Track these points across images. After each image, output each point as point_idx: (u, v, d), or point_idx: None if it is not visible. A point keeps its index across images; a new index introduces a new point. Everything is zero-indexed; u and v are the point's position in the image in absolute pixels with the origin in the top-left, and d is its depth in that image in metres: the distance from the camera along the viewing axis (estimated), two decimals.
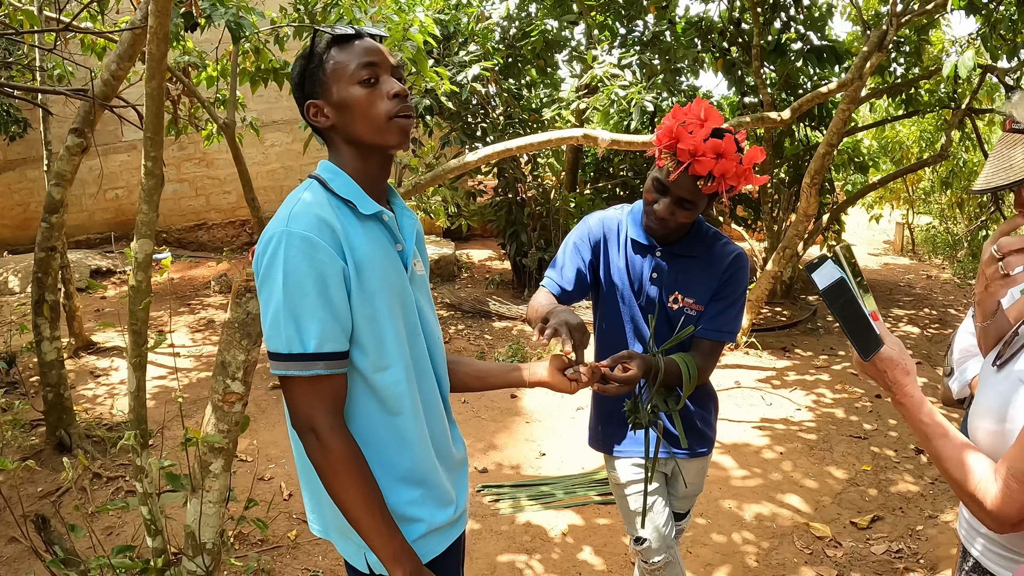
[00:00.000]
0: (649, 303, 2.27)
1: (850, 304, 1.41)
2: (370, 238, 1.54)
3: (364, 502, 1.49)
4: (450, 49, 7.95)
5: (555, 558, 3.63)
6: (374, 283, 1.51)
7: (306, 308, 1.43)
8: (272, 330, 1.46)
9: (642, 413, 2.15)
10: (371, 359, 1.53)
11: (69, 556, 2.57)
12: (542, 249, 8.61)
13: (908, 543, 3.73)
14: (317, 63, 1.57)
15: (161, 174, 2.45)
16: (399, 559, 1.51)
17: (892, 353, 1.42)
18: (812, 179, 6.34)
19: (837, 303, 1.41)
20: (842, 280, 1.41)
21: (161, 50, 2.21)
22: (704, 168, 2.02)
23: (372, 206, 1.56)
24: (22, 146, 10.63)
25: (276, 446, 4.82)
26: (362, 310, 1.50)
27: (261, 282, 1.48)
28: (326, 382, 1.47)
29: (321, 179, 1.57)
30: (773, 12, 8.05)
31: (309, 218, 1.45)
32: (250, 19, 4.72)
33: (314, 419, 1.47)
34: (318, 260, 1.43)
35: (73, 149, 4.20)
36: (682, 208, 2.12)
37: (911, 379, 1.42)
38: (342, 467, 1.47)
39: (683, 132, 2.04)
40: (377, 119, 1.55)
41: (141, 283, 2.44)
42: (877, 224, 13.25)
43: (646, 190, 2.19)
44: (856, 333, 1.41)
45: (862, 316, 1.41)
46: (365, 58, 1.55)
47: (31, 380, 5.82)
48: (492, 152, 4.88)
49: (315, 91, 1.57)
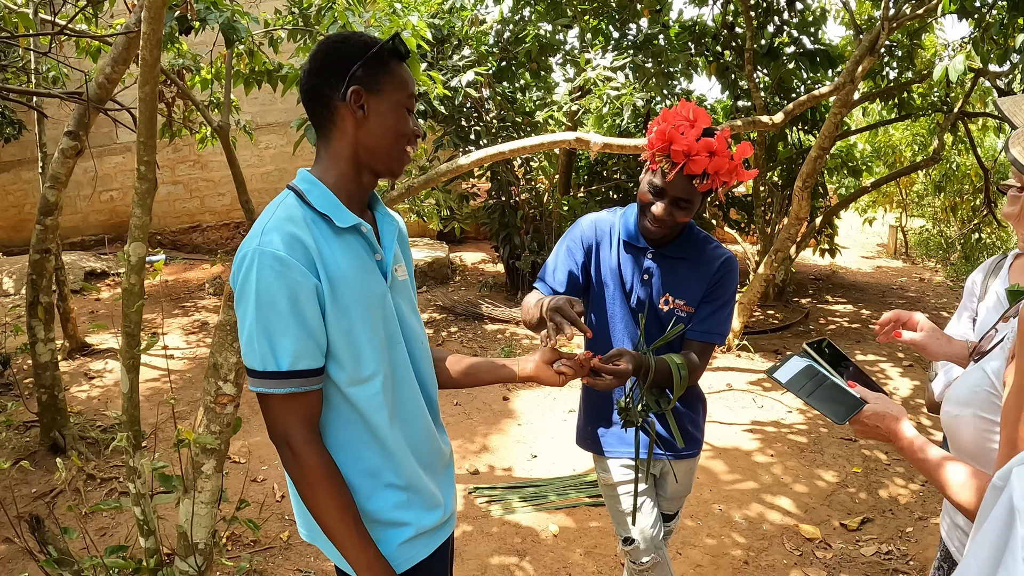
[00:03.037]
0: (640, 304, 2.31)
1: (819, 383, 1.54)
2: (346, 252, 1.54)
3: (338, 513, 1.51)
4: (444, 53, 7.97)
5: (546, 560, 3.65)
6: (350, 298, 1.52)
7: (279, 326, 1.44)
8: (247, 347, 1.48)
9: (633, 411, 2.18)
10: (348, 372, 1.54)
11: (63, 556, 2.59)
12: (535, 252, 8.63)
13: (898, 545, 3.76)
14: (380, 62, 1.56)
15: (154, 178, 2.46)
16: (372, 568, 1.53)
17: (877, 408, 1.50)
18: (804, 182, 6.37)
19: (803, 387, 1.54)
20: (810, 366, 1.56)
21: (154, 55, 2.23)
22: (699, 167, 2.07)
23: (349, 219, 1.55)
24: (17, 148, 10.65)
25: (268, 448, 4.83)
26: (338, 325, 1.51)
27: (237, 300, 1.50)
28: (300, 398, 1.50)
29: (298, 190, 1.57)
30: (766, 16, 8.09)
31: (281, 235, 1.45)
32: (244, 22, 4.73)
33: (288, 433, 1.50)
34: (290, 278, 1.43)
35: (68, 151, 4.22)
36: (679, 208, 2.16)
37: (903, 423, 1.48)
38: (316, 480, 1.50)
39: (675, 134, 2.08)
40: (400, 145, 1.60)
41: (134, 286, 2.45)
42: (870, 227, 13.29)
43: (641, 193, 2.22)
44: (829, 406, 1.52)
45: (835, 388, 1.53)
46: (412, 88, 1.60)
47: (25, 382, 5.83)
48: (485, 155, 4.88)
49: (366, 84, 1.54)
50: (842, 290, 9.87)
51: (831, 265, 11.26)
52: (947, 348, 1.84)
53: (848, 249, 12.55)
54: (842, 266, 11.54)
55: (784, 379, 1.54)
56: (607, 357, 2.01)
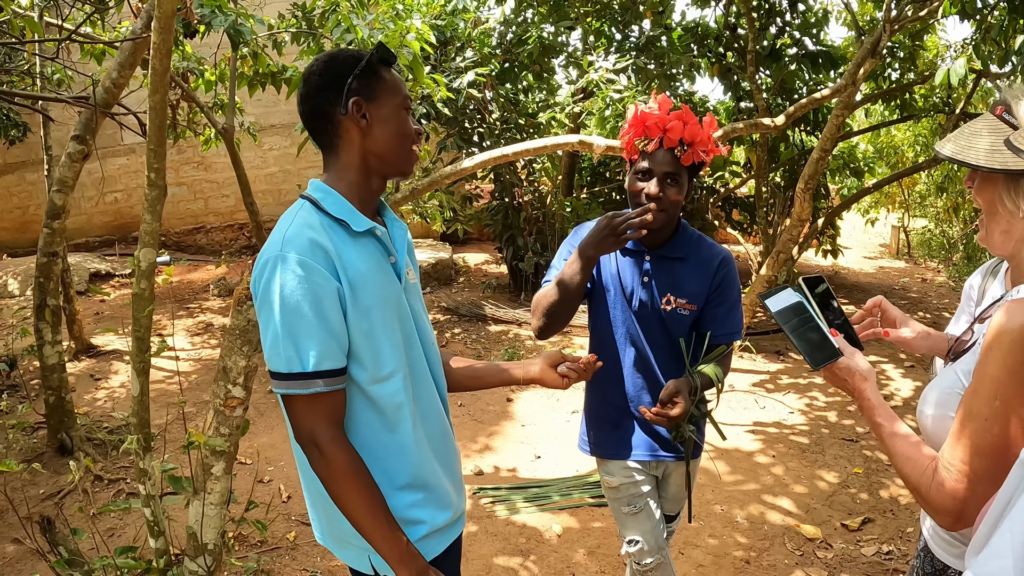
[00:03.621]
0: (642, 306, 2.34)
1: (805, 323, 1.57)
2: (363, 255, 1.59)
3: (368, 509, 1.55)
4: (447, 55, 8.00)
5: (550, 560, 3.68)
6: (369, 299, 1.57)
7: (303, 329, 1.49)
8: (272, 351, 1.53)
9: (684, 429, 2.26)
10: (369, 372, 1.59)
11: (73, 557, 2.62)
12: (538, 253, 8.66)
13: (898, 545, 3.79)
14: (371, 72, 1.62)
15: (164, 185, 2.50)
16: (405, 561, 1.57)
17: (849, 362, 1.54)
18: (806, 184, 6.39)
19: (789, 323, 1.57)
20: (800, 303, 1.58)
21: (164, 64, 2.27)
22: (676, 134, 2.18)
23: (364, 223, 1.61)
24: (21, 150, 10.69)
25: (275, 449, 4.87)
26: (358, 326, 1.56)
27: (259, 305, 1.55)
28: (325, 398, 1.54)
29: (313, 199, 1.62)
30: (768, 17, 8.11)
31: (302, 241, 1.51)
32: (249, 24, 4.76)
33: (316, 434, 1.54)
34: (313, 282, 1.48)
35: (75, 155, 4.25)
36: (669, 184, 2.22)
37: (869, 384, 1.53)
38: (345, 478, 1.54)
39: (646, 115, 2.22)
40: (406, 145, 1.66)
41: (145, 291, 2.49)
42: (872, 228, 13.29)
43: (630, 186, 2.27)
44: (807, 347, 1.56)
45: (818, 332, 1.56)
46: (405, 90, 1.67)
47: (32, 383, 5.87)
48: (488, 158, 4.92)
49: (364, 94, 1.61)
50: (844, 291, 9.88)
51: (833, 266, 11.28)
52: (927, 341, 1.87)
53: (850, 250, 12.55)
54: (844, 267, 11.55)
55: (773, 308, 1.58)
56: (665, 396, 2.11)
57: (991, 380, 1.31)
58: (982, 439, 1.30)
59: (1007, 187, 1.44)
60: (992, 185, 1.46)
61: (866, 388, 1.52)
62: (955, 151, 1.47)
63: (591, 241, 2.10)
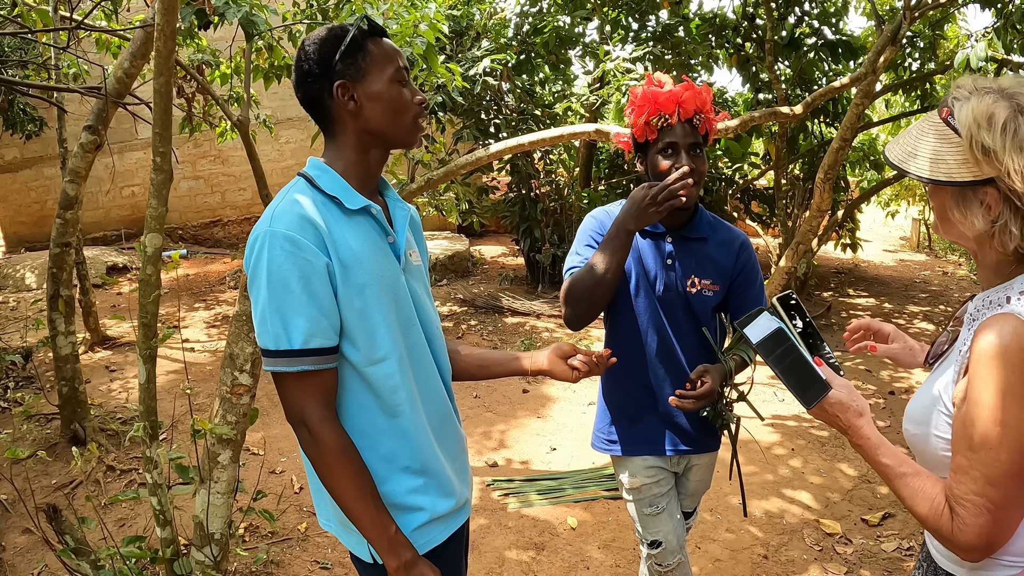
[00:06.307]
0: (667, 289, 2.27)
1: (788, 353, 1.42)
2: (358, 233, 1.56)
3: (357, 492, 1.51)
4: (463, 45, 7.96)
5: (563, 553, 3.63)
6: (363, 277, 1.53)
7: (291, 305, 1.46)
8: (261, 327, 1.50)
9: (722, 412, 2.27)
10: (363, 352, 1.55)
11: (80, 546, 2.60)
12: (556, 245, 8.62)
13: (919, 540, 3.71)
14: (355, 48, 1.57)
15: (170, 169, 2.47)
16: (392, 549, 1.53)
17: (841, 396, 1.42)
18: (826, 174, 6.30)
19: (774, 354, 1.43)
20: (780, 330, 1.43)
21: (168, 47, 2.23)
22: (690, 105, 2.16)
23: (358, 201, 1.57)
24: (38, 144, 10.74)
25: (287, 439, 4.85)
26: (351, 305, 1.52)
27: (250, 282, 1.52)
28: (315, 377, 1.51)
29: (308, 176, 1.59)
30: (787, 7, 8.02)
31: (291, 217, 1.48)
32: (263, 15, 4.74)
33: (305, 413, 1.51)
34: (301, 258, 1.45)
35: (87, 146, 4.25)
36: (695, 155, 2.18)
37: (865, 420, 1.41)
38: (334, 459, 1.51)
39: (656, 92, 2.18)
40: (406, 118, 1.62)
41: (151, 276, 2.46)
42: (893, 220, 13.16)
43: (656, 165, 2.18)
44: (797, 382, 1.42)
45: (804, 364, 1.42)
46: (400, 61, 1.61)
47: (47, 375, 5.88)
48: (504, 148, 4.87)
49: (348, 74, 1.56)
50: (864, 283, 9.78)
51: (853, 258, 11.17)
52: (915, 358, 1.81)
53: (870, 242, 12.43)
54: (864, 259, 11.44)
55: (754, 339, 1.44)
56: (695, 375, 2.11)
57: (987, 407, 1.23)
58: (992, 469, 1.23)
59: (954, 199, 1.34)
60: (942, 192, 1.37)
61: (862, 425, 1.40)
62: (899, 158, 1.37)
63: (631, 214, 2.06)
